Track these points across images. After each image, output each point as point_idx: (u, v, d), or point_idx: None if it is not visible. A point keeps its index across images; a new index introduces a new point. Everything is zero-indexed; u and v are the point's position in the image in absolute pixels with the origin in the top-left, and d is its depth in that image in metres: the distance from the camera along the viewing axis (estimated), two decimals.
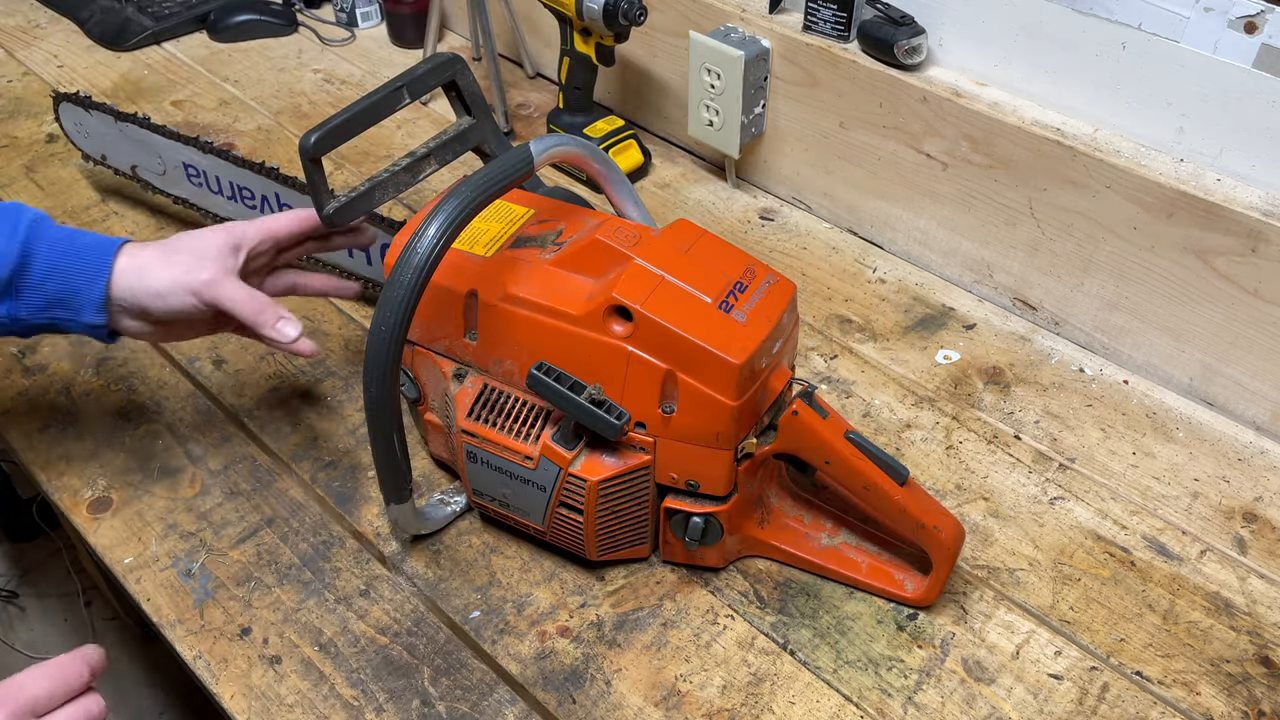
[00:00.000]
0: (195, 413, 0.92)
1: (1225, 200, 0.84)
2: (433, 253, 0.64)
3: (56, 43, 1.44)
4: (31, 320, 0.75)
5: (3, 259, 0.73)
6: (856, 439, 0.72)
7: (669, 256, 0.70)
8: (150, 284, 0.75)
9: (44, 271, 0.74)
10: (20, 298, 0.74)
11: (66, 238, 0.75)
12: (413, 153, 0.82)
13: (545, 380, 0.69)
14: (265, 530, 0.82)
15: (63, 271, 0.74)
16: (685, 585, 0.79)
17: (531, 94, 1.35)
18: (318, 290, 0.87)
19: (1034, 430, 0.91)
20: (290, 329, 0.76)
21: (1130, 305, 0.94)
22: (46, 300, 0.75)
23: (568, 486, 0.73)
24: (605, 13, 1.06)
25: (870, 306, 1.04)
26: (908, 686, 0.73)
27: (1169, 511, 0.85)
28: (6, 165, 1.20)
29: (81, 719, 0.61)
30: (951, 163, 1.00)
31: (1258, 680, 0.73)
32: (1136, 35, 0.87)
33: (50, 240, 0.75)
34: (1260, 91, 0.82)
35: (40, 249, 0.74)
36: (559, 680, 0.73)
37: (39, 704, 0.59)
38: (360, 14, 1.47)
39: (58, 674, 0.61)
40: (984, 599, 0.78)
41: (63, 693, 0.60)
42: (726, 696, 0.72)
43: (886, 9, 1.00)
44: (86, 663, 0.62)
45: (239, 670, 0.73)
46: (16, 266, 0.73)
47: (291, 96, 1.34)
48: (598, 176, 0.78)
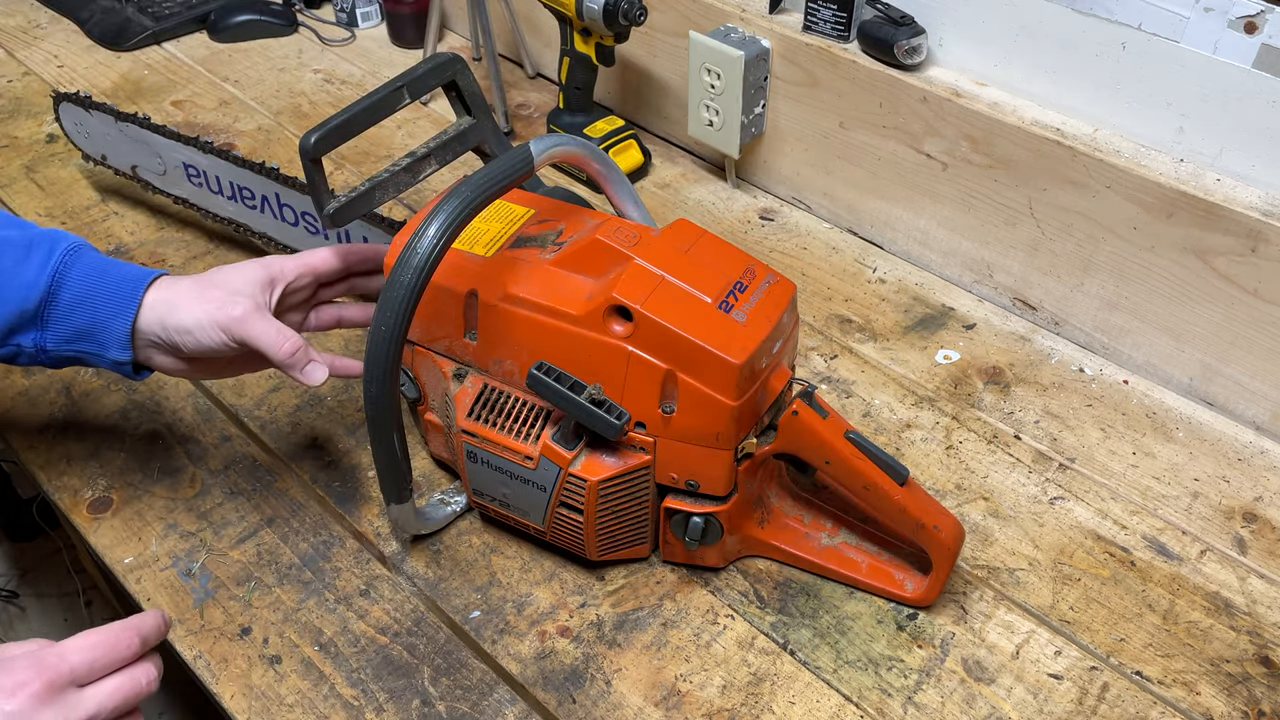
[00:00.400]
0: (195, 413, 0.92)
1: (1225, 200, 0.84)
2: (433, 253, 0.64)
3: (56, 43, 1.44)
4: (58, 352, 0.74)
5: (33, 288, 0.71)
6: (856, 439, 0.72)
7: (669, 256, 0.70)
8: (180, 319, 0.73)
9: (71, 303, 0.72)
10: (47, 328, 0.72)
11: (99, 269, 0.73)
12: (413, 153, 0.82)
13: (545, 380, 0.69)
14: (265, 530, 0.82)
15: (91, 304, 0.72)
16: (685, 585, 0.79)
17: (531, 94, 1.35)
18: (364, 323, 0.85)
19: (1034, 430, 0.91)
20: (319, 374, 0.74)
21: (1130, 305, 0.94)
22: (73, 332, 0.73)
23: (568, 486, 0.73)
24: (605, 13, 1.06)
25: (870, 306, 1.04)
26: (908, 686, 0.73)
27: (1169, 511, 0.85)
28: (7, 165, 1.20)
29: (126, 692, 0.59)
30: (951, 163, 1.00)
31: (1258, 680, 0.73)
32: (1136, 35, 0.87)
33: (84, 270, 0.73)
34: (1260, 91, 0.82)
35: (72, 279, 0.72)
36: (559, 680, 0.73)
37: (79, 674, 0.57)
38: (360, 14, 1.47)
39: (104, 644, 0.58)
40: (984, 599, 0.78)
41: (107, 663, 0.58)
42: (726, 696, 0.72)
43: (886, 9, 1.00)
44: (138, 632, 0.60)
45: (239, 670, 0.73)
46: (45, 296, 0.71)
47: (291, 96, 1.34)
48: (598, 176, 0.78)
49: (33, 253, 0.72)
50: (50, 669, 0.56)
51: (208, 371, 0.79)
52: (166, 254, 1.08)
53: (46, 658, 0.57)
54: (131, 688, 0.59)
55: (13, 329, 0.72)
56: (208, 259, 1.07)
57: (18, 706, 0.55)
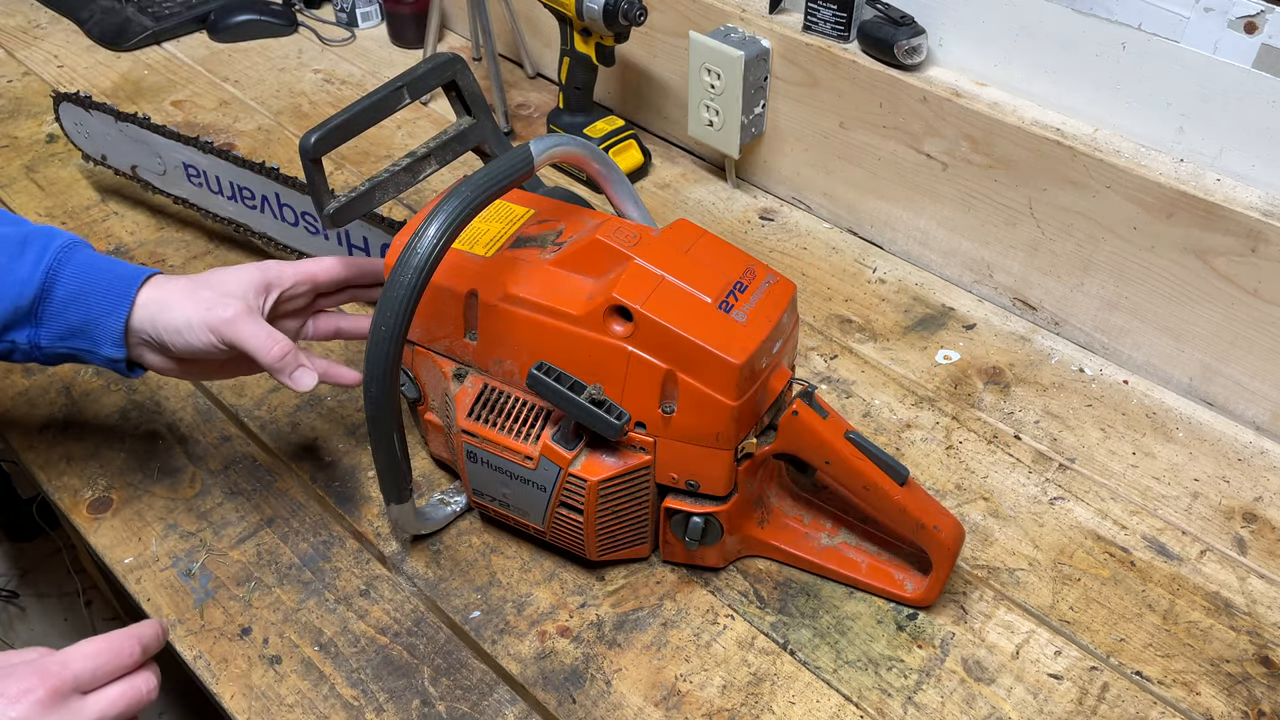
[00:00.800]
0: (195, 413, 0.92)
1: (1225, 200, 0.84)
2: (433, 253, 0.64)
3: (56, 43, 1.44)
4: (52, 349, 0.73)
5: (27, 284, 0.71)
6: (856, 439, 0.72)
7: (669, 256, 0.70)
8: (171, 318, 0.72)
9: (65, 300, 0.72)
10: (41, 325, 0.72)
11: (93, 266, 0.73)
12: (413, 153, 0.82)
13: (545, 380, 0.69)
14: (265, 530, 0.82)
15: (84, 301, 0.72)
16: (685, 585, 0.79)
17: (531, 94, 1.35)
18: (362, 335, 0.84)
19: (1034, 430, 0.91)
20: (308, 379, 0.73)
21: (1130, 305, 0.94)
22: (67, 329, 0.72)
23: (568, 486, 0.73)
24: (605, 13, 1.06)
25: (870, 306, 1.04)
26: (908, 686, 0.73)
27: (1169, 511, 0.85)
28: (7, 165, 1.20)
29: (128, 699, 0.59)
30: (951, 163, 1.00)
31: (1258, 680, 0.73)
32: (1136, 35, 0.87)
33: (77, 268, 0.72)
34: (1260, 91, 0.82)
35: (65, 277, 0.72)
36: (559, 680, 0.73)
37: (81, 681, 0.58)
38: (360, 14, 1.47)
39: (106, 651, 0.59)
40: (984, 599, 0.78)
41: (109, 671, 0.59)
42: (726, 696, 0.72)
43: (886, 9, 1.00)
44: (139, 640, 0.60)
45: (239, 670, 0.73)
46: (39, 293, 0.71)
47: (291, 96, 1.34)
48: (598, 176, 0.78)
49: (27, 249, 0.72)
50: (54, 676, 0.56)
51: (199, 372, 0.79)
52: (166, 254, 1.08)
53: (49, 665, 0.57)
54: (133, 695, 0.59)
55: (7, 325, 0.72)
56: (208, 259, 1.07)
57: (22, 713, 0.55)
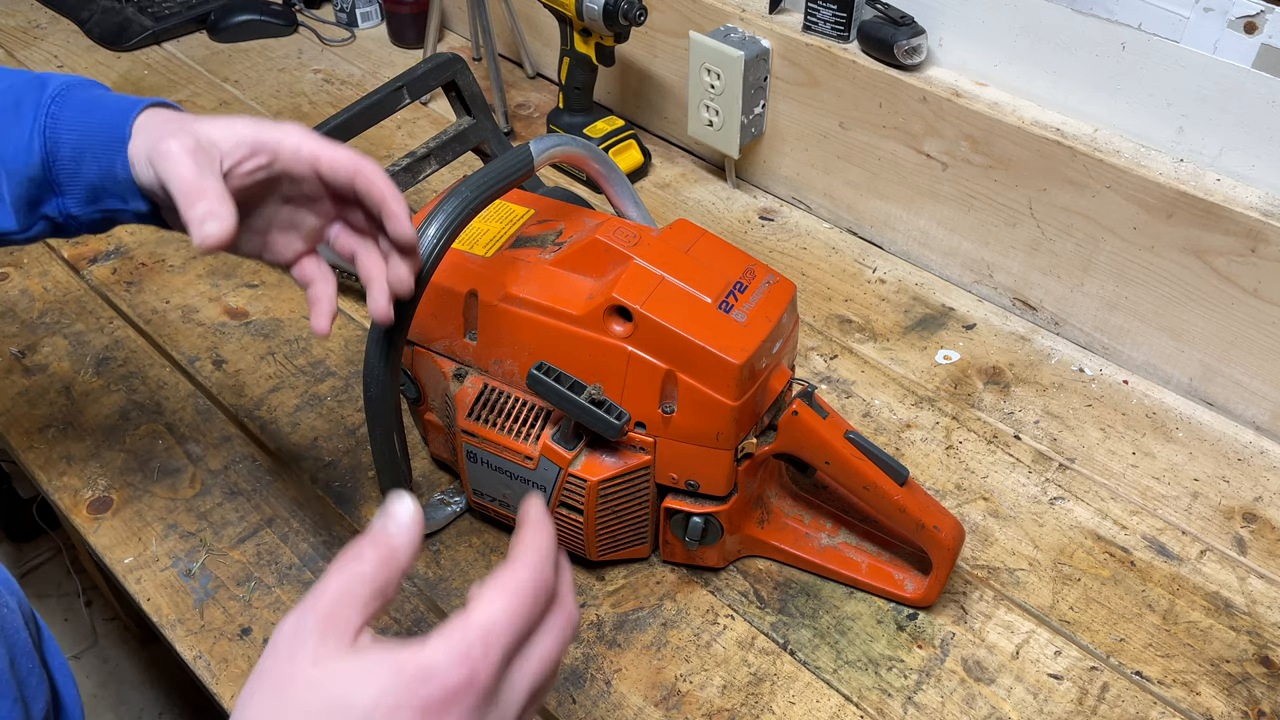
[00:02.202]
0: (195, 413, 0.92)
1: (1225, 200, 0.84)
2: (433, 253, 0.64)
3: (56, 43, 1.44)
4: (85, 215, 0.63)
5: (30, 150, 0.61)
6: (856, 439, 0.72)
7: (669, 256, 0.70)
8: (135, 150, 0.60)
9: (74, 157, 0.61)
10: (64, 192, 0.62)
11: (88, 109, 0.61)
12: (413, 153, 0.82)
13: (545, 380, 0.69)
14: (265, 530, 0.82)
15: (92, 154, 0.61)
16: (685, 585, 0.79)
17: (531, 94, 1.35)
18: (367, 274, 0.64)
19: (1034, 430, 0.91)
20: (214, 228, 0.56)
21: (1130, 305, 0.94)
22: (88, 190, 0.62)
23: (568, 486, 0.73)
24: (605, 13, 1.06)
25: (870, 306, 1.04)
26: (908, 686, 0.73)
27: (1169, 511, 0.85)
28: None
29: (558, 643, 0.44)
30: (951, 163, 1.00)
31: (1258, 680, 0.73)
32: (1136, 35, 0.87)
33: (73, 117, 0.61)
34: (1260, 91, 0.82)
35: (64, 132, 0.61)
36: (559, 680, 0.73)
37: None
38: (360, 14, 1.47)
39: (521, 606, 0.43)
40: (984, 599, 0.78)
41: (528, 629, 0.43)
42: (726, 696, 0.72)
43: (886, 9, 1.00)
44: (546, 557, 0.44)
45: (239, 670, 0.73)
46: (45, 156, 0.61)
47: (291, 96, 1.34)
48: (598, 176, 0.78)
49: (22, 107, 0.62)
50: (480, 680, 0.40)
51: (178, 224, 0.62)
52: (166, 254, 1.08)
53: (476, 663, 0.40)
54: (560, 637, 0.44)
55: (33, 200, 0.63)
56: (208, 259, 1.07)
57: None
